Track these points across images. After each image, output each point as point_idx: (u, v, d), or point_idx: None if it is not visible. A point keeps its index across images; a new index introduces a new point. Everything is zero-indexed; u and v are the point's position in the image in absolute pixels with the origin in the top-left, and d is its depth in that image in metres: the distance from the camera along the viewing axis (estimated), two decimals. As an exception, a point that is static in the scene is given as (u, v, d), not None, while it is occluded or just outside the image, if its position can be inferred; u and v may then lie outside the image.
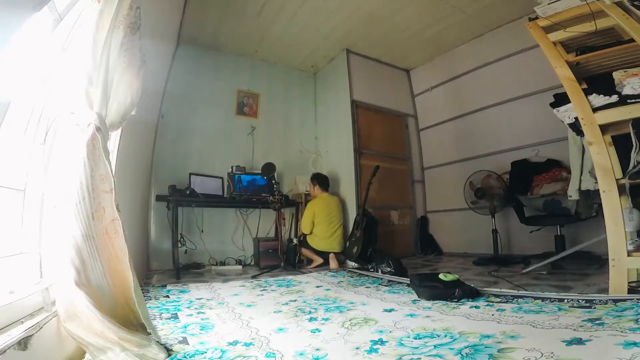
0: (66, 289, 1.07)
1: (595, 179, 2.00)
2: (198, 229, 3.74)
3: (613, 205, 1.79)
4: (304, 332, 1.43)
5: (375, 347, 1.20)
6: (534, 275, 2.43)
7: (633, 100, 1.76)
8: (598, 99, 1.91)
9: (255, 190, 3.92)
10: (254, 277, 3.07)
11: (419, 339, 1.26)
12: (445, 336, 1.26)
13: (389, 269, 2.93)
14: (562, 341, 1.10)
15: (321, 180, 3.90)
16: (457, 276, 2.04)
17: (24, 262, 1.24)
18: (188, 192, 3.33)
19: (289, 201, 3.98)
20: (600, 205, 1.91)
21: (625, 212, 1.75)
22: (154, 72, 2.69)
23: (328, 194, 3.90)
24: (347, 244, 3.62)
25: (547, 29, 2.12)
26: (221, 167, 3.96)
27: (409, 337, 1.29)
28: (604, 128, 1.88)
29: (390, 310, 1.71)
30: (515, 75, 3.74)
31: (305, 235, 3.76)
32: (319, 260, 3.68)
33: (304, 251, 3.78)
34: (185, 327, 1.53)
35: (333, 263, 3.58)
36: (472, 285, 1.97)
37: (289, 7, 3.52)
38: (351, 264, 3.50)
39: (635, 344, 0.99)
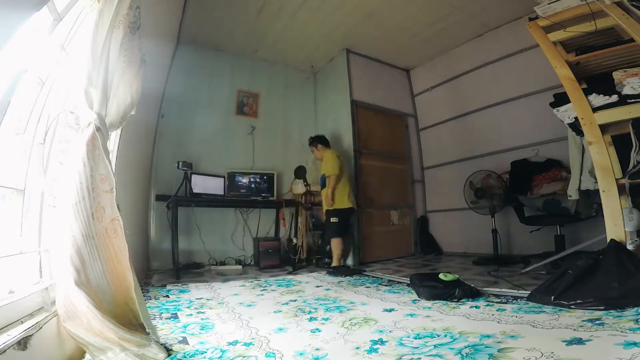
0: (66, 288, 1.07)
1: (595, 178, 2.00)
2: (198, 229, 3.74)
3: (613, 205, 1.79)
4: (304, 332, 1.43)
5: (375, 347, 1.21)
6: (533, 275, 2.43)
7: (633, 100, 1.77)
8: (598, 99, 1.91)
9: (255, 190, 3.93)
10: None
11: (419, 338, 1.26)
12: (446, 336, 1.26)
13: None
14: (562, 341, 1.10)
15: (322, 139, 3.78)
16: (457, 276, 2.04)
17: (23, 262, 1.24)
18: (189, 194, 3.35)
19: (289, 201, 3.97)
20: (600, 205, 1.91)
21: (625, 212, 1.75)
22: (153, 72, 2.69)
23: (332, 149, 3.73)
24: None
25: (547, 29, 2.12)
26: (221, 167, 3.96)
27: (409, 336, 1.29)
28: (603, 128, 1.88)
29: (390, 310, 1.72)
30: (515, 75, 3.73)
31: (329, 211, 3.41)
32: (338, 257, 3.31)
33: (333, 244, 3.37)
34: (185, 327, 1.53)
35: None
36: (472, 285, 1.98)
37: (289, 7, 3.52)
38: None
39: (635, 344, 1.00)
